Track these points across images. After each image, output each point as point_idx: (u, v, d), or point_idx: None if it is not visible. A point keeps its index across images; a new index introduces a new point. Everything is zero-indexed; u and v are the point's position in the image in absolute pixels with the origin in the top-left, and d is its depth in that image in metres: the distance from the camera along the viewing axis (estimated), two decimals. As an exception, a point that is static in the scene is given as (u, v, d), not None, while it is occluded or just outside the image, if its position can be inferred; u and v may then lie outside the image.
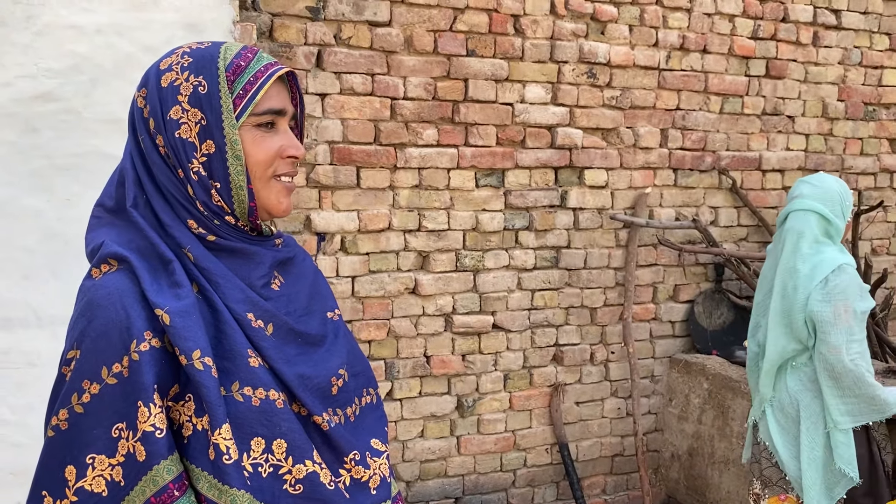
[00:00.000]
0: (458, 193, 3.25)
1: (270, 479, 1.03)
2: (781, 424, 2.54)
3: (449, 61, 3.16)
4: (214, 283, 1.05)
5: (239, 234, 1.10)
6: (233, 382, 1.02)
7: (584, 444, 3.62)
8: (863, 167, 4.10)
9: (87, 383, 0.98)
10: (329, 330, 1.19)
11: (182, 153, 1.05)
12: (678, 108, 3.61)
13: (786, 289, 2.48)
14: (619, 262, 3.60)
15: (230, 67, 1.06)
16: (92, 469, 0.97)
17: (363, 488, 1.12)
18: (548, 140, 3.38)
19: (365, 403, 1.21)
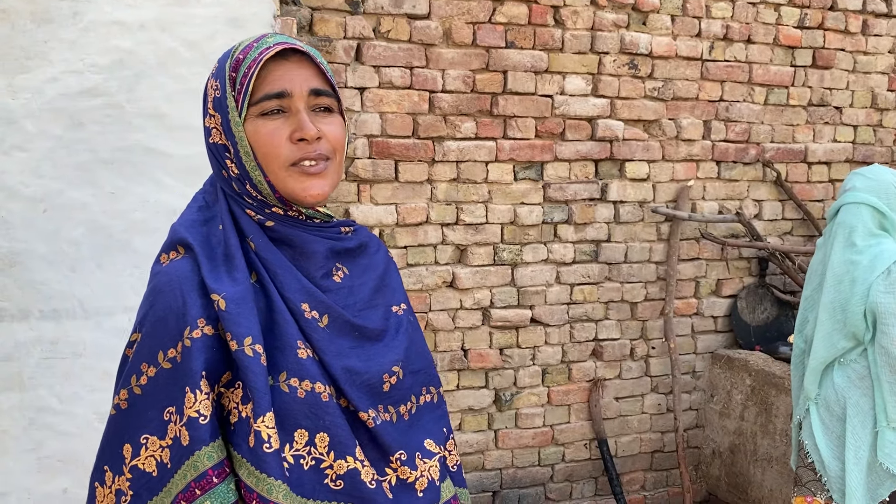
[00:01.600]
0: (496, 187, 3.23)
1: (311, 473, 1.03)
2: (826, 423, 2.46)
3: (488, 53, 3.13)
4: (272, 272, 1.06)
5: (291, 221, 1.10)
6: (280, 373, 1.02)
7: (623, 440, 3.59)
8: (914, 159, 3.98)
9: (146, 366, 1.02)
10: (391, 325, 1.17)
11: (219, 156, 1.09)
12: (721, 99, 3.54)
13: (841, 282, 2.39)
14: (661, 256, 3.54)
15: (232, 64, 1.06)
16: (145, 449, 1.00)
17: (409, 490, 1.10)
18: (588, 132, 3.34)
19: (423, 402, 1.19)
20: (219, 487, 0.99)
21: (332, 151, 1.09)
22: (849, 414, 2.41)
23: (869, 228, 2.39)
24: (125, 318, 2.33)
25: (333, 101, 1.10)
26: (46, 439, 2.31)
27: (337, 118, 1.11)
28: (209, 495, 0.98)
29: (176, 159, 2.34)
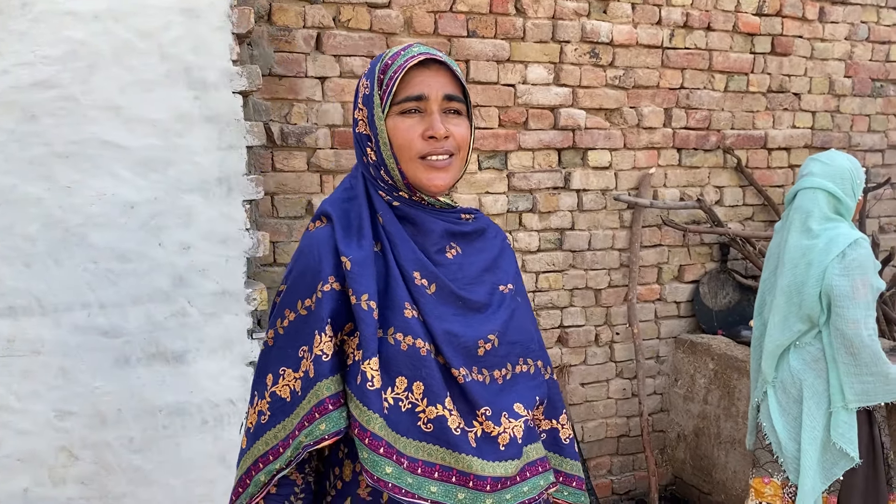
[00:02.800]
0: (464, 176, 3.23)
1: (407, 415, 1.19)
2: (783, 405, 2.52)
3: (450, 42, 3.13)
4: (393, 244, 1.25)
5: (414, 204, 1.28)
6: (389, 327, 1.20)
7: (589, 425, 3.63)
8: (870, 144, 4.06)
9: (288, 311, 1.24)
10: (495, 300, 1.32)
11: (363, 144, 1.28)
12: (682, 86, 3.58)
13: (797, 266, 2.44)
14: (624, 244, 3.58)
15: (382, 67, 1.25)
16: (282, 379, 1.23)
17: (492, 442, 1.24)
18: (551, 121, 3.36)
19: (520, 371, 1.33)
20: (333, 413, 1.19)
21: (456, 149, 1.27)
22: (805, 396, 2.45)
23: (825, 213, 2.43)
24: (84, 314, 2.30)
25: (463, 105, 1.29)
26: (5, 438, 2.28)
27: (464, 121, 1.29)
28: (325, 419, 1.18)
29: (132, 151, 2.30)
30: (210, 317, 2.42)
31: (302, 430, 1.19)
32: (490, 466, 1.23)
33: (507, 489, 1.25)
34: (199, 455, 2.45)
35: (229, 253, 2.43)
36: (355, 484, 1.27)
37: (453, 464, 1.21)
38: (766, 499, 2.55)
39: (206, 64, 2.36)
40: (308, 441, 1.19)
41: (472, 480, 1.21)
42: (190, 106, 2.35)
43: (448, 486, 1.21)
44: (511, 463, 1.26)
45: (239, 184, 2.43)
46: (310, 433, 1.19)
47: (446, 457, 1.21)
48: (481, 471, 1.21)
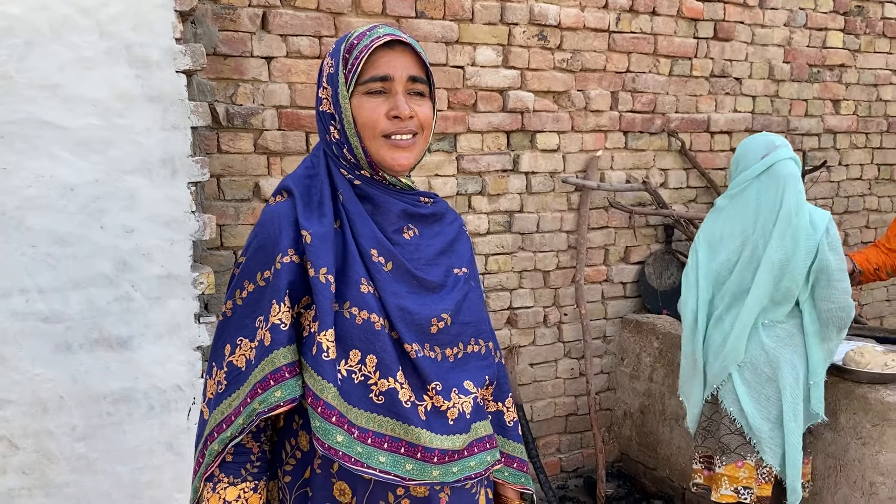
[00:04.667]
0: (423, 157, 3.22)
1: (360, 387, 1.23)
2: (752, 386, 2.50)
3: (398, 23, 3.11)
4: (352, 221, 1.27)
5: (375, 183, 1.30)
6: (345, 301, 1.24)
7: (538, 405, 3.68)
8: (807, 128, 4.18)
9: (247, 283, 1.26)
10: (449, 282, 1.35)
11: (326, 122, 1.30)
12: (628, 70, 3.63)
13: (784, 239, 2.43)
14: (572, 226, 3.63)
15: (347, 47, 1.27)
16: (239, 349, 1.25)
17: (441, 416, 1.28)
18: (500, 104, 3.37)
19: (471, 350, 1.37)
20: (289, 381, 1.22)
21: (420, 128, 1.30)
22: (783, 373, 2.47)
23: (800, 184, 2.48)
24: (22, 299, 2.23)
25: (426, 87, 1.31)
26: (-60, 429, 2.20)
27: (427, 102, 1.31)
28: (280, 386, 1.21)
29: (71, 132, 2.23)
30: (155, 301, 2.37)
31: (255, 397, 1.21)
32: (438, 439, 1.26)
33: (454, 462, 1.29)
34: (146, 442, 2.41)
35: (175, 236, 2.38)
36: (313, 453, 1.29)
37: (403, 435, 1.24)
38: (741, 483, 2.55)
39: (148, 42, 2.30)
40: (262, 408, 1.21)
41: (420, 452, 1.25)
42: (131, 85, 2.29)
43: (396, 457, 1.24)
44: (459, 437, 1.29)
45: (184, 165, 2.38)
46: (264, 400, 1.21)
47: (396, 428, 1.24)
48: (429, 443, 1.25)
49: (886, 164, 4.51)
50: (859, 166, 4.41)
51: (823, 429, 2.78)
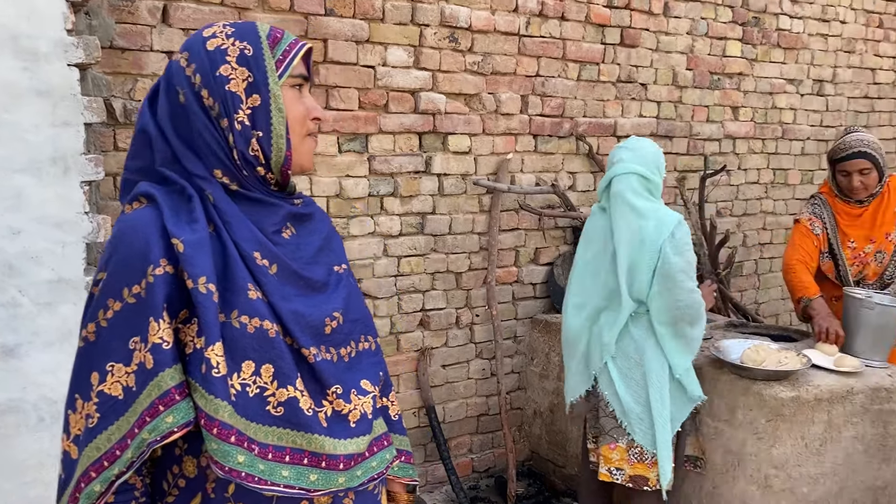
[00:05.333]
0: (321, 159, 3.17)
1: (256, 400, 1.15)
2: (624, 371, 2.67)
3: (307, 20, 3.04)
4: (227, 222, 1.19)
5: (262, 187, 1.24)
6: (232, 310, 1.15)
7: (450, 406, 3.68)
8: (709, 133, 4.35)
9: (112, 301, 1.13)
10: (332, 280, 1.32)
11: (230, 104, 1.19)
12: (538, 74, 3.68)
13: (632, 244, 2.58)
14: (483, 228, 3.64)
15: (269, 37, 1.23)
16: (111, 375, 1.12)
17: (342, 420, 1.24)
18: (411, 105, 3.35)
19: (363, 348, 1.34)
20: (180, 404, 1.11)
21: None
22: (647, 358, 2.63)
23: (641, 193, 2.64)
24: None
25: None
26: None
27: None
28: (172, 410, 1.11)
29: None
30: (45, 307, 2.24)
31: (143, 426, 1.11)
32: (342, 444, 1.23)
33: (358, 465, 1.26)
34: (35, 455, 2.27)
35: (66, 238, 2.25)
36: (202, 479, 1.21)
37: (305, 445, 1.19)
38: (613, 464, 2.70)
39: (37, 32, 2.16)
40: (153, 437, 1.11)
41: (324, 460, 1.21)
42: (18, 78, 2.15)
43: (300, 469, 1.19)
44: (362, 439, 1.27)
45: (76, 164, 2.25)
46: (154, 428, 1.11)
47: (297, 439, 1.19)
48: (333, 450, 1.21)
49: (781, 169, 4.73)
50: (756, 171, 4.61)
51: (723, 425, 2.89)
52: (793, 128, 4.71)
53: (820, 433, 2.76)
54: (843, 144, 3.17)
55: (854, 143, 3.14)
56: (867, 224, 3.23)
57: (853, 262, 3.24)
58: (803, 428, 2.73)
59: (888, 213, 3.22)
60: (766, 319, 4.76)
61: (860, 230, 3.23)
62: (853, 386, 2.81)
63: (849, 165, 3.15)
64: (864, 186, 3.16)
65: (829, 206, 3.30)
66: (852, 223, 3.25)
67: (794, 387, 2.74)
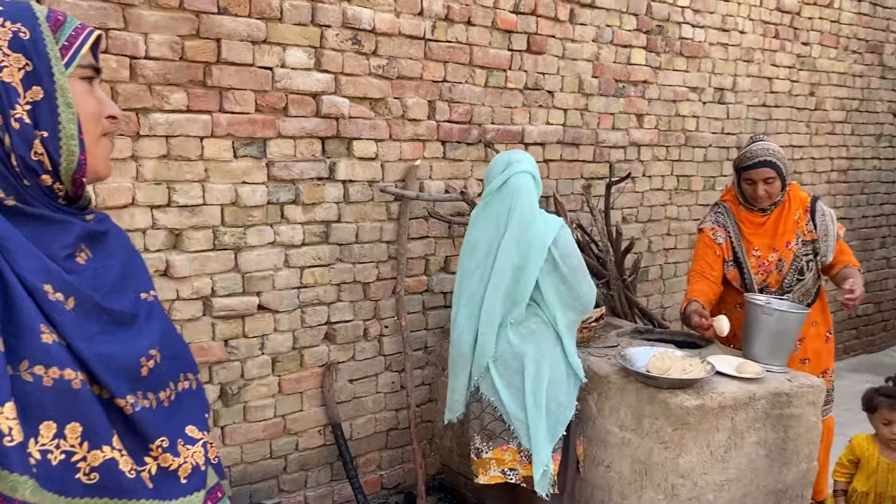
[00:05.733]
0: (214, 164, 2.99)
1: (62, 468, 0.96)
2: (505, 378, 2.73)
3: (198, 18, 2.86)
4: (5, 249, 0.95)
5: (48, 200, 1.04)
6: (21, 361, 0.94)
7: (358, 422, 3.55)
8: (614, 141, 4.37)
9: None
10: (141, 310, 1.13)
11: (4, 98, 0.99)
12: (445, 79, 3.60)
13: (519, 244, 2.69)
14: (392, 236, 3.53)
15: (49, 19, 1.04)
16: None
17: (171, 477, 1.07)
18: (313, 108, 3.21)
19: (182, 389, 1.16)
20: None
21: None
22: (526, 365, 2.71)
23: (534, 194, 2.79)
24: None
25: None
26: None
27: None
28: None
29: None
30: None
31: None
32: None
33: None
34: None
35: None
36: None
37: None
38: (507, 465, 2.76)
39: None
40: None
41: None
42: None
43: None
44: (197, 495, 1.11)
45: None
46: None
47: None
48: None
49: (684, 176, 4.82)
50: (660, 177, 4.68)
51: (630, 434, 2.87)
52: (695, 135, 4.81)
53: (724, 440, 2.78)
54: (748, 153, 3.22)
55: (760, 151, 3.18)
56: (769, 233, 3.28)
57: (758, 271, 3.28)
58: (708, 436, 2.74)
59: (789, 221, 3.28)
60: (671, 323, 4.83)
61: (763, 238, 3.28)
62: (755, 392, 2.84)
63: (754, 174, 3.19)
64: (767, 195, 3.21)
65: (732, 213, 3.33)
66: (756, 231, 3.28)
67: (699, 395, 2.75)
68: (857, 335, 6.42)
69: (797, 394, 2.89)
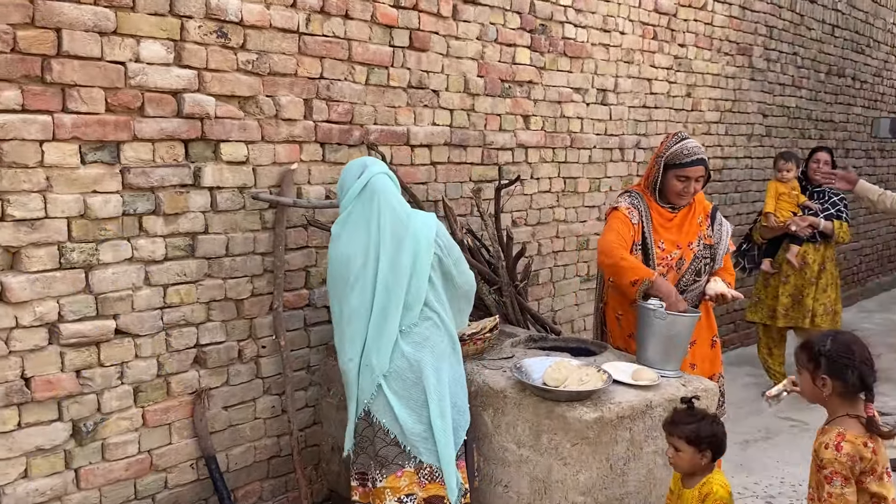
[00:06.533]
0: (58, 172, 2.61)
1: None
2: (400, 394, 2.63)
3: (33, 5, 2.49)
4: None
5: None
6: None
7: (235, 451, 3.24)
8: (502, 143, 4.25)
9: None
10: None
11: None
12: (322, 76, 3.34)
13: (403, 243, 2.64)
14: (267, 247, 3.25)
15: None
16: None
17: None
18: (173, 108, 2.88)
19: None
20: None
21: None
22: (425, 375, 2.63)
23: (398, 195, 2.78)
24: None
25: None
26: None
27: None
28: None
29: None
30: None
31: None
32: None
33: None
34: None
35: None
36: None
37: None
38: (403, 492, 2.63)
39: None
40: None
41: None
42: None
43: None
44: None
45: None
46: None
47: None
48: None
49: (571, 178, 4.77)
50: (548, 179, 4.60)
51: (528, 451, 2.73)
52: (580, 136, 4.76)
53: (623, 452, 2.68)
54: (685, 150, 3.17)
55: (696, 149, 3.18)
56: (675, 230, 3.27)
57: (660, 263, 3.23)
58: (608, 449, 2.63)
59: (693, 223, 3.30)
60: (562, 325, 4.78)
61: (669, 234, 3.26)
62: (651, 399, 2.77)
63: (691, 171, 3.16)
64: (694, 192, 3.22)
65: (645, 202, 3.28)
66: (664, 225, 3.27)
67: (597, 406, 2.64)
68: (735, 329, 6.63)
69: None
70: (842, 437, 2.07)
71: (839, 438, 2.07)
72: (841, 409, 2.13)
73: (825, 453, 2.07)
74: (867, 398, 2.12)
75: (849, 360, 2.07)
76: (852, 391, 2.11)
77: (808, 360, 2.16)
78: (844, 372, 2.08)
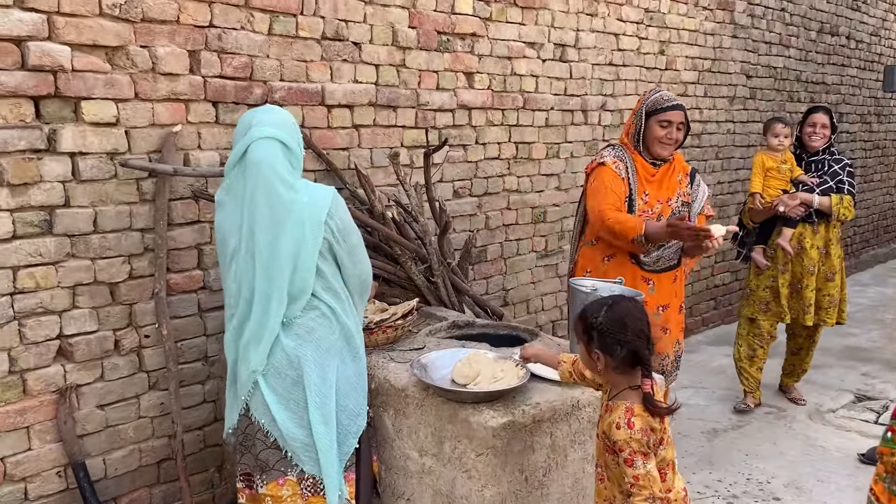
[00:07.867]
0: None
1: None
2: (280, 393, 2.27)
3: None
4: None
5: None
6: None
7: (116, 455, 2.84)
8: (440, 103, 3.79)
9: None
10: None
11: None
12: (212, 25, 2.89)
13: (284, 225, 2.21)
14: (147, 222, 2.82)
15: None
16: None
17: None
18: (17, 59, 2.44)
19: None
20: None
21: None
22: (306, 372, 2.25)
23: (286, 165, 2.27)
24: None
25: None
26: None
27: None
28: None
29: None
30: None
31: None
32: None
33: None
34: None
35: None
36: None
37: None
38: (285, 502, 2.29)
39: None
40: None
41: None
42: None
43: None
44: None
45: None
46: None
47: None
48: None
49: (524, 143, 4.31)
50: (497, 145, 4.15)
51: (431, 460, 2.32)
52: (535, 97, 4.30)
53: (542, 462, 2.28)
54: (664, 97, 3.15)
55: (672, 97, 3.17)
56: (657, 185, 3.18)
57: (641, 215, 3.10)
58: (522, 458, 2.22)
59: (673, 179, 3.21)
60: (515, 306, 4.36)
61: (651, 187, 3.16)
62: (579, 398, 2.36)
63: (673, 115, 3.12)
64: (676, 140, 3.15)
65: (630, 155, 3.19)
66: (647, 178, 3.17)
67: (508, 409, 2.22)
68: (716, 306, 6.21)
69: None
70: (630, 412, 1.85)
71: (628, 415, 1.84)
72: (622, 382, 1.91)
73: (617, 434, 1.82)
74: (644, 374, 1.86)
75: (622, 334, 1.85)
76: (625, 366, 1.87)
77: (583, 331, 1.93)
78: (614, 348, 1.85)
